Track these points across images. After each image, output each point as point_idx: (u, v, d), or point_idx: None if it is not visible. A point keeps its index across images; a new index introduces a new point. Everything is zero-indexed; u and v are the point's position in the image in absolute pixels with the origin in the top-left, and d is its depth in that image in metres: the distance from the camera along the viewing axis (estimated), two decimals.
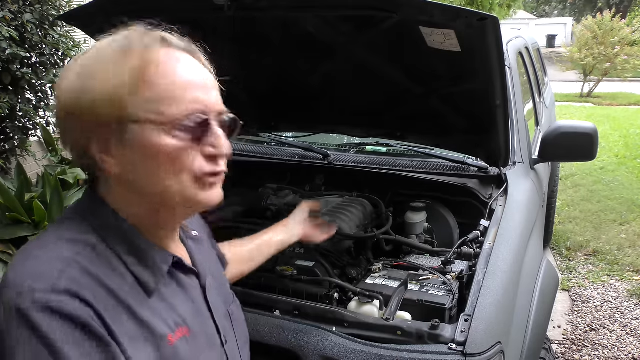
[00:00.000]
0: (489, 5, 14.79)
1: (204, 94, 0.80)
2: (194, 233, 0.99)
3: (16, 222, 3.57)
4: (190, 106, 0.78)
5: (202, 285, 0.92)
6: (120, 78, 0.76)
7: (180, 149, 0.78)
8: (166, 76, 0.78)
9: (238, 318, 1.02)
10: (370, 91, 2.07)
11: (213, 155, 0.81)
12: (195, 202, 0.82)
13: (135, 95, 0.76)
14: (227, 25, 1.75)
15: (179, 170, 0.78)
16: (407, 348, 1.35)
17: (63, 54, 4.11)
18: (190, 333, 0.82)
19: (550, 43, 27.25)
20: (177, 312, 0.82)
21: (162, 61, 0.78)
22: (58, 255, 0.73)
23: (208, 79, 0.83)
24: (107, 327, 0.71)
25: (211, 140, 0.80)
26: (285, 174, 2.50)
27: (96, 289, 0.72)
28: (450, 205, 2.17)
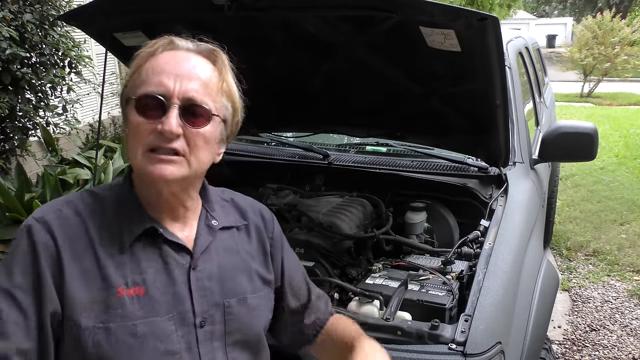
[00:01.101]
0: (489, 5, 14.79)
1: (170, 79, 0.93)
2: (214, 222, 1.06)
3: (16, 222, 3.58)
4: (153, 88, 0.93)
5: (190, 264, 0.99)
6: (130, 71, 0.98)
7: (139, 123, 0.93)
8: (149, 65, 0.95)
9: (237, 314, 1.03)
10: (370, 91, 2.07)
11: (160, 131, 0.91)
12: (143, 173, 0.95)
13: (130, 80, 0.97)
14: (227, 25, 1.75)
15: (137, 144, 0.93)
16: (407, 348, 1.35)
17: (63, 54, 4.11)
18: (145, 295, 0.93)
19: (550, 43, 27.26)
20: (141, 273, 0.94)
21: (157, 57, 0.96)
22: (68, 197, 0.99)
23: (187, 69, 0.94)
24: (59, 255, 0.90)
25: (163, 118, 0.91)
26: (285, 174, 2.50)
27: (73, 226, 0.93)
28: (450, 205, 2.17)
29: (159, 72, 0.93)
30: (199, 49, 0.99)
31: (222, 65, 1.00)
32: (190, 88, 0.93)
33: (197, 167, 0.97)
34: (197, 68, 0.96)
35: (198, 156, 0.96)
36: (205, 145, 0.96)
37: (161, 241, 0.98)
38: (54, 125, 4.56)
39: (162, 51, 0.97)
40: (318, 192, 2.33)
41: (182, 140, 0.93)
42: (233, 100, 1.02)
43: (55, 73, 4.05)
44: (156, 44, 0.98)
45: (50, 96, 4.16)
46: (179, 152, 0.93)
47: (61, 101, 4.26)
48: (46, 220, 0.92)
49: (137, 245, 0.96)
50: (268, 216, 1.19)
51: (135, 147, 0.93)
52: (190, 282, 0.98)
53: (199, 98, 0.94)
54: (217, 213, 1.09)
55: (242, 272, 1.07)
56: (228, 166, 2.50)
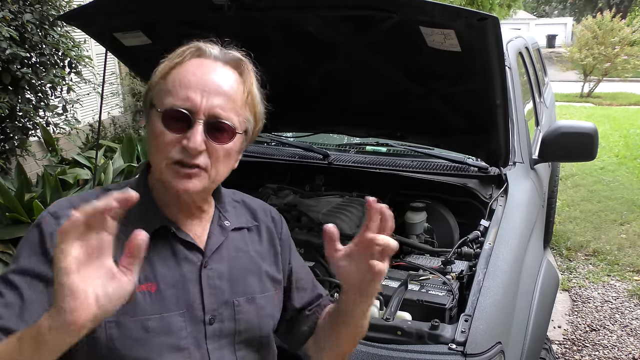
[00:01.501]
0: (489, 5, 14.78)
1: (197, 94, 0.93)
2: (226, 223, 1.08)
3: (16, 222, 3.57)
4: (180, 102, 0.93)
5: (201, 262, 1.01)
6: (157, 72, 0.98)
7: (163, 133, 0.93)
8: (177, 75, 0.95)
9: (246, 313, 1.04)
10: (370, 91, 2.07)
11: (185, 147, 0.92)
12: (167, 184, 0.96)
13: (157, 85, 0.97)
14: (227, 25, 1.75)
15: (160, 153, 0.94)
16: (407, 348, 1.35)
17: (63, 54, 4.10)
18: (157, 291, 0.94)
19: (550, 43, 27.25)
20: (153, 269, 0.95)
21: (186, 65, 0.96)
22: (84, 195, 1.00)
23: (214, 84, 0.95)
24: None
25: (188, 134, 0.92)
26: (285, 174, 2.50)
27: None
28: (450, 205, 2.17)
29: (186, 85, 0.93)
30: (226, 59, 0.99)
31: (248, 76, 1.01)
32: (217, 104, 0.94)
33: (217, 179, 1.00)
34: (223, 81, 0.96)
35: (218, 169, 0.98)
36: (226, 159, 0.99)
37: (174, 239, 1.00)
38: (54, 125, 4.55)
39: (190, 58, 0.97)
40: (318, 192, 2.33)
41: (205, 155, 0.94)
42: (255, 111, 1.04)
43: (55, 73, 4.04)
44: (185, 52, 0.97)
45: (50, 96, 4.16)
46: (201, 166, 0.95)
47: (61, 101, 4.26)
48: (59, 216, 0.93)
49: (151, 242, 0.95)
50: (277, 217, 1.21)
51: (159, 157, 0.95)
52: (201, 280, 1.00)
53: (224, 115, 0.94)
54: (229, 214, 1.11)
55: (252, 273, 1.08)
56: None
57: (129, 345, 0.91)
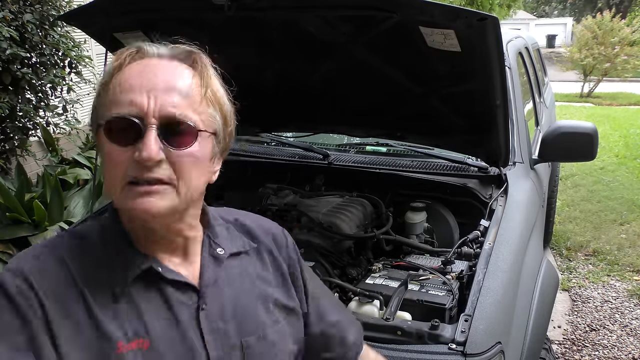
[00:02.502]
0: (489, 5, 14.79)
1: (143, 96, 0.78)
2: (219, 251, 0.92)
3: (16, 222, 3.57)
4: (124, 109, 0.78)
5: (198, 304, 0.85)
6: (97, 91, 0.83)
7: (114, 151, 0.78)
8: (117, 82, 0.81)
9: (258, 353, 0.88)
10: (370, 91, 2.07)
11: (138, 159, 0.77)
12: (126, 210, 0.81)
13: (98, 101, 0.83)
14: (227, 25, 1.75)
15: (114, 177, 0.79)
16: (407, 348, 1.35)
17: (63, 54, 4.11)
18: (150, 347, 0.78)
19: (550, 43, 27.24)
20: (142, 322, 0.80)
21: (125, 70, 0.81)
22: (48, 242, 0.84)
23: (163, 82, 0.80)
24: (45, 312, 0.75)
25: (139, 144, 0.77)
26: (285, 174, 2.50)
27: (56, 276, 0.78)
28: (450, 205, 2.17)
29: (129, 88, 0.78)
30: (174, 53, 0.84)
31: (203, 69, 0.85)
32: (168, 102, 0.78)
33: (189, 193, 0.82)
34: (173, 77, 0.81)
35: (188, 181, 0.81)
36: (195, 167, 0.82)
37: (161, 281, 0.84)
38: (54, 125, 4.55)
39: (130, 62, 0.82)
40: (318, 192, 2.33)
41: (167, 166, 0.78)
42: (221, 108, 0.87)
43: (55, 73, 4.04)
44: (122, 54, 0.83)
45: (50, 96, 4.16)
46: (164, 180, 0.78)
47: (61, 101, 4.26)
48: (23, 271, 0.77)
49: (134, 289, 0.81)
50: (279, 232, 1.04)
51: (113, 180, 0.79)
52: (200, 325, 0.84)
53: (180, 113, 0.79)
54: (222, 239, 0.94)
55: (258, 303, 0.92)
56: (228, 166, 2.49)
57: None
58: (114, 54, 0.84)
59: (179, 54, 0.85)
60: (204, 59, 0.87)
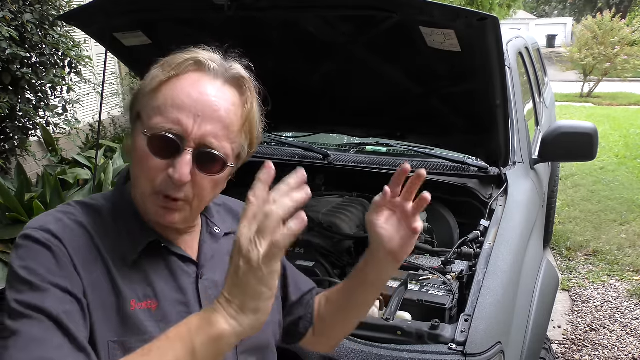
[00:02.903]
0: (489, 5, 14.78)
1: (191, 119, 0.85)
2: (216, 229, 1.05)
3: (16, 222, 3.57)
4: (169, 124, 0.85)
5: (197, 274, 0.97)
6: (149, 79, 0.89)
7: (148, 157, 0.86)
8: (170, 92, 0.87)
9: None
10: (370, 91, 2.07)
11: (170, 176, 0.85)
12: (149, 212, 0.91)
13: (147, 96, 0.88)
14: (227, 25, 1.75)
15: (144, 177, 0.88)
16: (407, 348, 1.35)
17: (63, 54, 4.11)
18: (158, 308, 0.90)
19: (550, 43, 27.25)
20: (151, 286, 0.91)
21: (182, 79, 0.87)
22: (62, 209, 0.92)
23: (210, 108, 0.86)
24: (73, 262, 0.84)
25: (175, 163, 0.85)
26: (285, 174, 2.49)
27: (79, 236, 0.87)
28: (450, 205, 2.17)
29: (179, 106, 0.85)
30: (227, 76, 0.90)
31: (248, 98, 0.93)
32: (210, 132, 0.85)
33: (200, 207, 0.95)
34: (220, 105, 0.87)
35: (202, 199, 0.92)
36: (213, 188, 0.93)
37: (166, 253, 0.96)
38: (54, 125, 4.55)
39: (186, 72, 0.88)
40: (318, 192, 2.33)
41: (189, 187, 0.88)
42: (252, 136, 0.96)
43: (55, 73, 4.04)
44: (182, 65, 0.88)
45: (50, 96, 4.16)
46: (183, 199, 0.89)
47: (61, 101, 4.26)
48: (50, 229, 0.85)
49: (143, 258, 0.93)
50: None
51: (143, 181, 0.89)
52: (199, 292, 0.96)
53: (216, 144, 0.86)
54: (216, 218, 1.07)
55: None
56: None
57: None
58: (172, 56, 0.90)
59: (232, 78, 0.91)
60: (252, 86, 0.94)
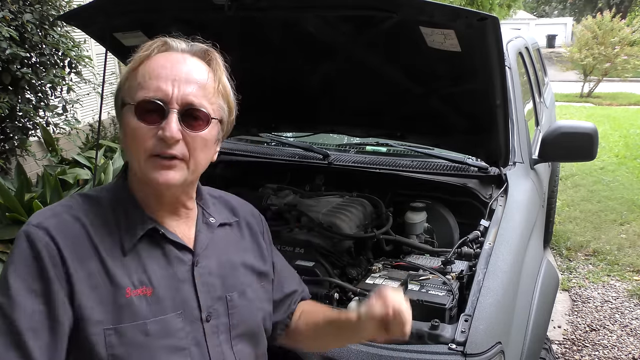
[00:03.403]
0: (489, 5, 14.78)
1: (168, 84, 0.93)
2: (211, 219, 1.10)
3: (16, 222, 3.57)
4: (151, 94, 0.93)
5: (193, 261, 1.02)
6: (125, 73, 0.98)
7: (138, 128, 0.93)
8: (147, 69, 0.96)
9: (239, 307, 1.06)
10: (370, 91, 2.07)
11: (161, 137, 0.92)
12: (147, 179, 0.96)
13: (126, 83, 0.97)
14: (227, 25, 1.75)
15: (138, 148, 0.94)
16: (407, 348, 1.35)
17: (63, 54, 4.10)
18: (153, 294, 0.95)
19: (550, 43, 27.24)
20: (146, 273, 0.96)
21: (152, 59, 0.96)
22: (64, 202, 0.99)
23: (185, 73, 0.95)
24: (64, 261, 0.89)
25: (163, 124, 0.92)
26: (285, 174, 2.50)
27: (74, 231, 0.93)
28: (450, 205, 2.17)
29: (156, 76, 0.94)
30: (193, 50, 1.00)
31: (216, 66, 1.01)
32: (189, 92, 0.94)
33: (196, 170, 0.99)
34: (193, 71, 0.97)
35: (197, 159, 0.98)
36: (204, 148, 0.98)
37: (163, 240, 1.00)
38: (54, 125, 4.55)
39: (157, 53, 0.97)
40: (318, 192, 2.33)
41: (182, 145, 0.95)
42: (228, 100, 1.04)
43: (55, 73, 4.04)
44: (151, 46, 0.98)
45: (50, 96, 4.16)
46: (178, 156, 0.95)
47: (61, 101, 4.26)
48: (46, 227, 0.92)
49: (140, 245, 0.97)
50: (257, 214, 1.25)
51: (137, 152, 0.95)
52: (194, 279, 1.01)
53: (197, 102, 0.95)
54: (212, 210, 1.12)
55: (240, 267, 1.11)
56: (228, 166, 2.50)
57: (130, 351, 0.91)
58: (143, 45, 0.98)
59: (197, 51, 1.00)
60: (217, 57, 1.02)
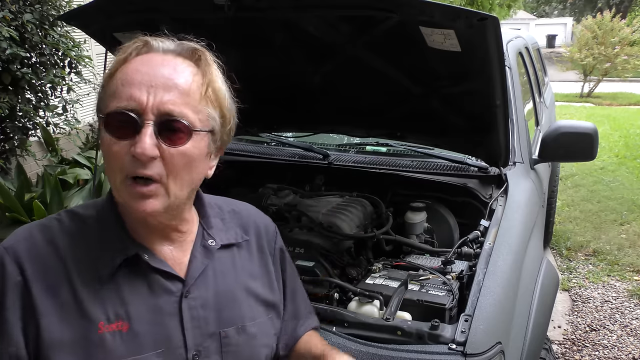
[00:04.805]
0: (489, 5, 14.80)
1: (142, 91, 0.80)
2: (210, 242, 0.95)
3: (16, 222, 3.57)
4: (123, 103, 0.80)
5: (182, 292, 0.89)
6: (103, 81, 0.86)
7: (112, 143, 0.80)
8: (121, 75, 0.82)
9: (236, 345, 0.93)
10: (370, 91, 2.06)
11: (133, 154, 0.79)
12: (128, 206, 0.84)
13: (102, 92, 0.85)
14: (227, 25, 1.75)
15: (113, 168, 0.82)
16: (407, 348, 1.35)
17: (63, 54, 4.11)
18: (129, 330, 0.83)
19: (550, 43, 27.25)
20: (124, 305, 0.84)
21: (129, 64, 0.83)
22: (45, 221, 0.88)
23: (162, 79, 0.81)
24: (29, 291, 0.80)
25: (137, 138, 0.79)
26: (285, 174, 2.50)
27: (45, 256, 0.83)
28: (450, 205, 2.17)
29: (130, 82, 0.80)
30: (179, 50, 0.86)
31: (206, 67, 0.86)
32: (167, 100, 0.80)
33: (178, 193, 0.84)
34: (175, 74, 0.82)
35: (178, 179, 0.83)
36: (188, 166, 0.83)
37: (147, 268, 0.87)
38: (54, 125, 4.55)
39: (136, 55, 0.84)
40: (318, 192, 2.33)
41: (159, 163, 0.81)
42: (221, 107, 0.88)
43: (55, 73, 4.04)
44: (128, 48, 0.84)
45: (50, 96, 4.16)
46: (155, 178, 0.81)
47: (61, 101, 4.26)
48: (15, 251, 0.82)
49: (120, 273, 0.85)
50: (272, 230, 1.10)
51: (112, 172, 0.82)
52: (181, 312, 0.88)
53: (177, 111, 0.80)
54: (215, 230, 0.98)
55: (242, 297, 0.97)
56: (228, 166, 2.49)
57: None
58: (120, 47, 0.85)
59: (183, 51, 0.86)
60: (208, 57, 0.88)
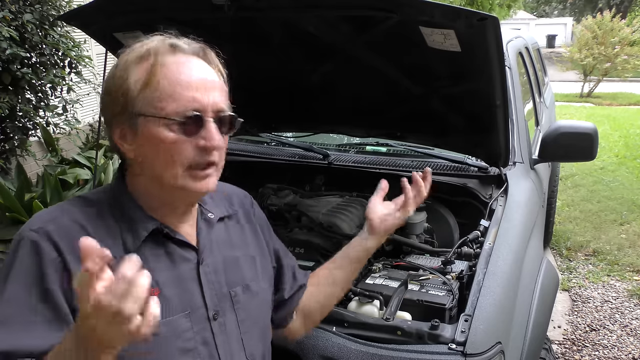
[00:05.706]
0: (489, 5, 14.80)
1: (202, 94, 0.92)
2: (210, 215, 1.09)
3: (16, 222, 3.57)
4: (187, 104, 0.91)
5: (198, 260, 1.01)
6: (133, 78, 0.92)
7: (176, 141, 0.91)
8: (169, 77, 0.91)
9: (244, 302, 1.07)
10: (370, 91, 2.07)
11: (203, 147, 0.92)
12: (187, 190, 0.95)
13: (142, 93, 0.91)
14: (227, 25, 1.75)
15: (174, 161, 0.92)
16: (407, 348, 1.35)
17: (63, 54, 4.11)
18: (160, 295, 0.92)
19: (550, 43, 27.26)
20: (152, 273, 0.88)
21: (168, 65, 0.92)
22: (61, 206, 0.97)
23: (209, 80, 0.94)
24: (66, 266, 0.86)
25: (203, 134, 0.92)
26: (285, 174, 2.50)
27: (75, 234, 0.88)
28: (450, 205, 2.17)
29: (187, 86, 0.91)
30: (195, 51, 0.97)
31: (217, 63, 1.00)
32: (217, 99, 0.94)
33: (221, 169, 1.00)
34: (209, 75, 0.95)
35: (223, 159, 0.99)
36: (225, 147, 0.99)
37: (168, 240, 0.99)
38: (54, 125, 4.55)
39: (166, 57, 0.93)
40: (318, 192, 2.33)
41: (217, 151, 0.95)
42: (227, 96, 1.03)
43: (55, 73, 4.04)
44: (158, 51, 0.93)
45: (50, 96, 4.16)
46: (216, 162, 0.96)
47: (61, 101, 4.26)
48: (47, 231, 0.89)
49: (143, 247, 0.96)
50: (249, 200, 1.25)
51: (172, 163, 0.92)
52: (200, 277, 1.00)
53: (224, 106, 0.96)
54: (209, 205, 1.11)
55: (242, 261, 1.11)
56: (228, 166, 2.49)
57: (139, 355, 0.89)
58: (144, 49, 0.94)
59: (199, 51, 0.97)
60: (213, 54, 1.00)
